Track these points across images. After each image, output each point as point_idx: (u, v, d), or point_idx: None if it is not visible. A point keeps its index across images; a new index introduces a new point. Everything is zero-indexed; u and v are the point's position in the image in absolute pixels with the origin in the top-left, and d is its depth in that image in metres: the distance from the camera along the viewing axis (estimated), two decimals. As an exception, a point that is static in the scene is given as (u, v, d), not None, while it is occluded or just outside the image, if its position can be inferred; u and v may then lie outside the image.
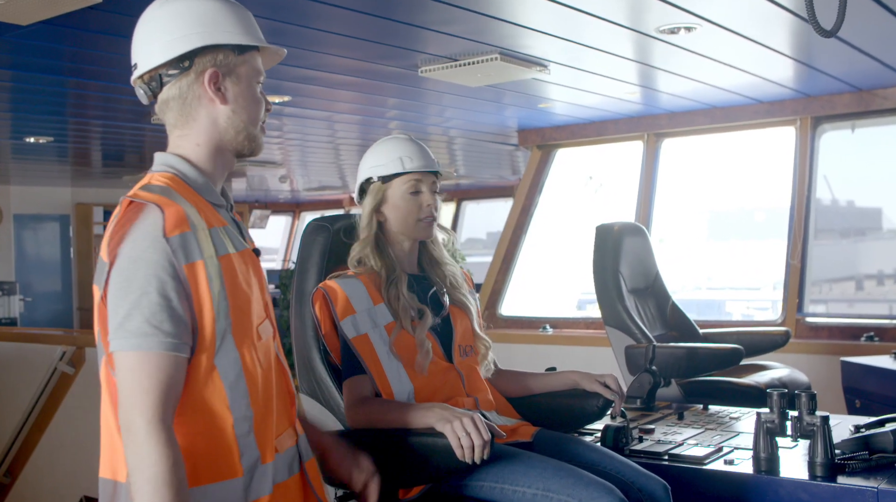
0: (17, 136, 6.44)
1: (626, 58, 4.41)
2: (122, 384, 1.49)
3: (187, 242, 1.53)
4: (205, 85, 1.64)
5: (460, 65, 4.26)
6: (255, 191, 11.93)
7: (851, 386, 4.18)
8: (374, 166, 2.44)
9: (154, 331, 1.48)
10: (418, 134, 6.96)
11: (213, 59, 1.65)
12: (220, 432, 1.55)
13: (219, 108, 1.67)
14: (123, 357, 1.49)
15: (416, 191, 2.42)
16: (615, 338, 4.06)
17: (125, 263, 1.51)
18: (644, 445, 2.58)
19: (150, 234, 1.51)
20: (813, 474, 2.26)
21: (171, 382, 1.50)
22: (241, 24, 1.68)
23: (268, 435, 1.63)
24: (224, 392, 1.56)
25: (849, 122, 5.55)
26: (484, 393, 2.41)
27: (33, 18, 3.24)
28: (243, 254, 1.65)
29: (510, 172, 10.12)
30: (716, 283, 15.21)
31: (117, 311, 1.50)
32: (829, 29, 1.89)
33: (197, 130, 1.67)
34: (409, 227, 2.42)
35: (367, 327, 2.27)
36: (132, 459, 1.46)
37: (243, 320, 1.60)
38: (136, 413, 1.47)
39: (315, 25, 3.66)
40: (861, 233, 8.40)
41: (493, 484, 2.07)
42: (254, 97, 1.71)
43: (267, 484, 1.61)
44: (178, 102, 1.66)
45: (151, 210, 1.54)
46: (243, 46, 1.68)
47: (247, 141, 1.71)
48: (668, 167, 6.38)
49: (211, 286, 1.55)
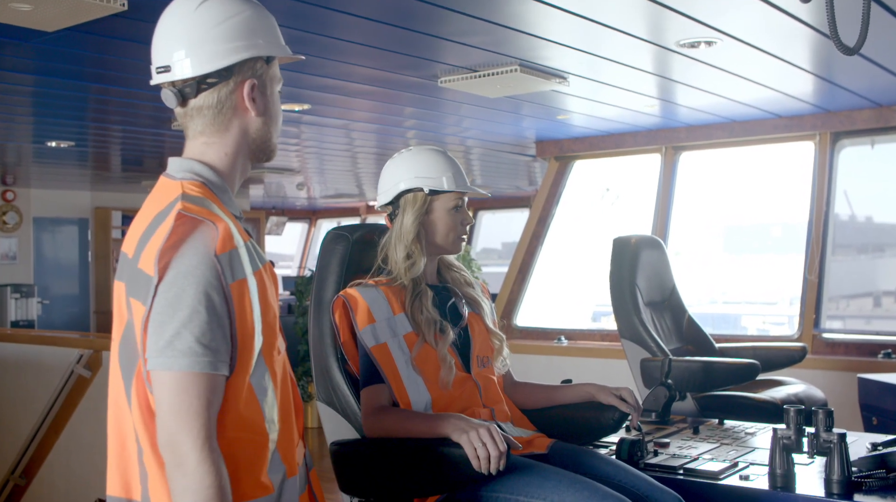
0: (38, 141, 6.50)
1: (645, 71, 4.42)
2: (168, 404, 1.45)
3: (234, 260, 1.51)
4: (243, 96, 1.63)
5: (480, 76, 4.28)
6: (272, 198, 11.99)
7: (868, 403, 4.15)
8: (421, 177, 2.43)
9: (204, 350, 1.45)
10: (435, 143, 6.96)
11: (251, 70, 1.64)
12: (258, 449, 1.54)
13: (251, 119, 1.66)
14: (169, 376, 1.45)
15: (458, 209, 2.46)
16: (631, 350, 4.05)
17: (175, 279, 1.46)
18: (659, 459, 2.57)
19: (201, 251, 1.48)
20: (829, 491, 2.24)
21: (216, 401, 1.47)
22: (272, 34, 1.68)
23: (290, 449, 1.63)
24: (261, 409, 1.55)
25: (868, 137, 5.53)
26: (500, 404, 2.42)
27: (59, 25, 3.28)
28: (266, 267, 1.63)
29: (527, 183, 10.13)
30: (731, 298, 15.14)
31: (164, 329, 1.45)
32: (851, 46, 1.89)
33: (227, 140, 1.65)
34: (448, 242, 2.46)
35: (386, 337, 2.28)
36: (182, 482, 1.43)
37: (272, 335, 1.59)
38: (184, 435, 1.43)
39: (336, 35, 3.69)
40: (880, 249, 8.34)
41: (508, 495, 2.07)
42: (278, 106, 1.71)
43: (294, 497, 1.61)
44: (214, 111, 1.62)
45: (206, 226, 1.51)
46: (271, 56, 1.68)
47: (268, 149, 1.71)
48: (685, 180, 6.37)
49: (252, 304, 1.53)
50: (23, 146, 6.93)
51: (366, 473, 2.21)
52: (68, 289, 10.42)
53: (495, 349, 2.51)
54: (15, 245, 9.60)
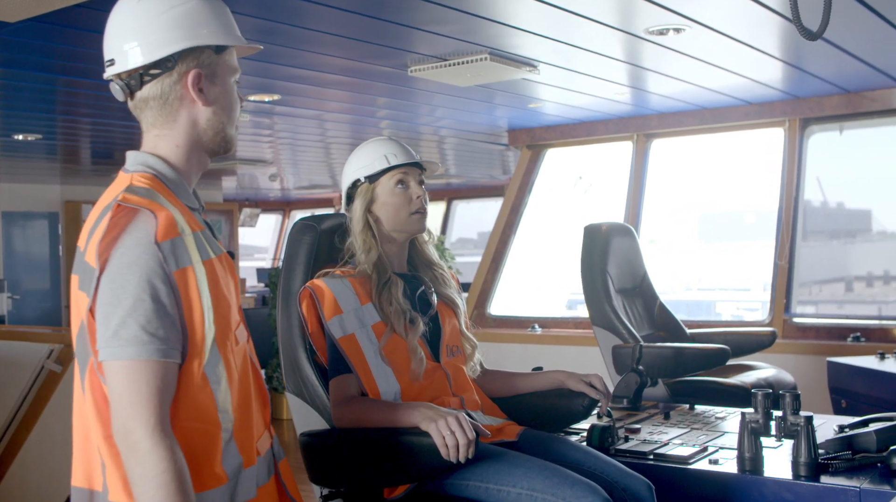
0: (5, 134, 6.41)
1: (615, 59, 4.43)
2: (119, 393, 1.45)
3: (177, 248, 1.51)
4: (188, 86, 1.61)
5: (449, 64, 4.26)
6: (245, 190, 11.92)
7: (837, 386, 4.20)
8: (359, 168, 2.45)
9: (150, 338, 1.45)
10: (409, 133, 6.96)
11: (196, 60, 1.61)
12: (211, 438, 1.54)
13: (200, 109, 1.64)
14: (118, 366, 1.45)
15: (403, 185, 2.43)
16: (603, 337, 4.07)
17: (118, 269, 1.47)
18: (630, 445, 2.59)
19: (142, 240, 1.48)
20: (796, 474, 2.27)
21: (167, 389, 1.47)
22: (220, 23, 1.65)
23: (248, 439, 1.62)
24: (213, 398, 1.54)
25: (837, 123, 5.57)
26: (470, 392, 2.42)
27: (21, 16, 3.23)
28: (221, 258, 1.63)
29: (501, 172, 10.14)
30: (706, 284, 15.27)
31: (110, 319, 1.46)
32: (814, 31, 1.90)
33: (177, 131, 1.64)
34: (401, 222, 2.43)
35: (354, 327, 2.27)
36: (137, 469, 1.43)
37: (225, 325, 1.58)
38: (136, 422, 1.43)
39: (305, 24, 3.66)
40: (851, 234, 8.42)
41: (478, 483, 2.07)
42: (233, 97, 1.68)
43: (251, 488, 1.61)
44: (159, 102, 1.62)
45: (144, 215, 1.50)
46: (222, 45, 1.65)
47: (224, 141, 1.69)
48: (658, 168, 6.40)
49: (201, 292, 1.52)
50: (-11, 140, 6.85)
51: (335, 464, 2.21)
52: (39, 284, 10.32)
53: (467, 355, 2.50)
54: (-16, 240, 9.51)
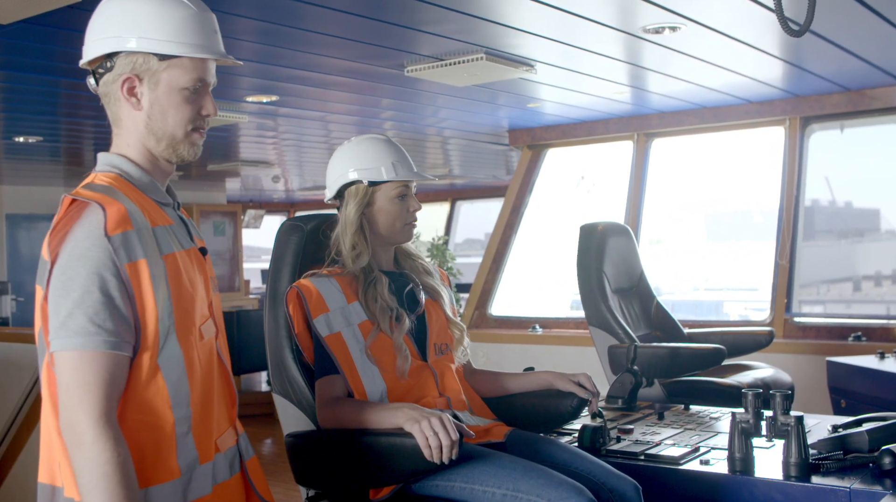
0: (6, 136, 6.43)
1: (614, 58, 4.41)
2: (65, 383, 1.47)
3: (129, 241, 1.52)
4: (120, 89, 1.62)
5: (446, 64, 4.26)
6: (249, 191, 11.92)
7: (837, 386, 4.17)
8: (360, 169, 2.42)
9: (97, 329, 1.47)
10: (413, 134, 6.96)
11: (130, 64, 1.61)
12: (161, 432, 1.54)
13: (135, 114, 1.64)
14: (66, 356, 1.47)
15: (403, 197, 2.43)
16: (599, 337, 4.05)
17: (67, 262, 1.49)
18: (621, 445, 2.57)
19: (91, 233, 1.50)
20: (787, 474, 2.25)
21: (115, 381, 1.48)
22: (169, 30, 1.61)
23: (207, 435, 1.62)
24: (167, 391, 1.55)
25: (838, 122, 5.54)
26: (457, 392, 2.40)
27: (14, 17, 3.23)
28: (189, 252, 1.64)
29: (504, 172, 10.12)
30: (714, 284, 15.22)
31: (59, 310, 1.48)
32: (797, 29, 1.88)
33: (124, 131, 1.66)
34: (395, 232, 2.44)
35: (340, 326, 2.27)
36: (80, 460, 1.45)
37: (186, 319, 1.59)
38: (81, 412, 1.45)
39: (304, 26, 3.66)
40: (859, 234, 8.37)
41: (464, 484, 2.06)
42: (173, 104, 1.63)
43: (206, 484, 1.61)
44: (105, 101, 1.66)
45: (93, 208, 1.52)
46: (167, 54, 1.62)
47: (169, 148, 1.66)
48: (663, 167, 6.39)
49: (154, 285, 1.53)
50: (-7, 142, 6.87)
51: (320, 465, 2.20)
52: (43, 287, 10.31)
53: (455, 339, 2.49)
54: (-13, 242, 9.54)
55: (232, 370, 1.74)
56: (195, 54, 1.63)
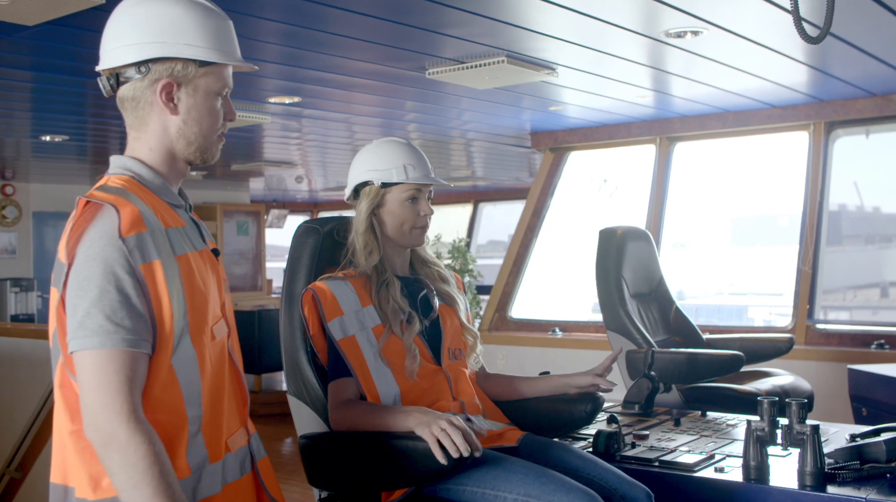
0: (33, 135, 6.52)
1: (636, 62, 4.40)
2: (88, 384, 1.47)
3: (143, 242, 1.53)
4: (157, 93, 1.63)
5: (467, 67, 4.26)
6: (273, 191, 11.98)
7: (858, 394, 4.13)
8: (374, 170, 2.44)
9: (116, 328, 1.47)
10: (437, 136, 6.97)
11: (169, 69, 1.63)
12: (173, 431, 1.55)
13: (170, 118, 1.66)
14: (86, 356, 1.47)
15: (414, 200, 2.43)
16: (616, 342, 4.04)
17: (83, 262, 1.50)
18: (636, 451, 2.56)
19: (106, 234, 1.51)
20: (802, 483, 2.23)
21: (137, 378, 1.49)
22: (207, 37, 1.65)
23: (217, 434, 1.63)
24: (181, 391, 1.56)
25: (863, 127, 5.49)
26: (471, 396, 2.41)
27: (39, 19, 3.28)
28: (202, 253, 1.66)
29: (527, 174, 10.11)
30: (738, 289, 15.11)
31: (76, 310, 1.48)
32: (815, 36, 1.87)
33: (149, 135, 1.67)
34: (403, 234, 2.44)
35: (354, 329, 2.28)
36: (117, 459, 1.44)
37: (199, 320, 1.60)
38: (110, 412, 1.45)
39: (327, 29, 3.69)
40: (887, 239, 8.29)
41: (475, 488, 2.06)
42: (209, 110, 1.68)
43: (216, 483, 1.61)
44: (132, 104, 1.65)
45: (107, 210, 1.54)
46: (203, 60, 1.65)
47: (198, 152, 1.70)
48: (687, 171, 6.35)
49: (169, 286, 1.54)
50: (21, 141, 6.95)
51: (333, 467, 2.21)
52: (69, 283, 10.41)
53: (468, 345, 2.50)
54: (15, 239, 9.63)
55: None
56: (233, 62, 1.68)
